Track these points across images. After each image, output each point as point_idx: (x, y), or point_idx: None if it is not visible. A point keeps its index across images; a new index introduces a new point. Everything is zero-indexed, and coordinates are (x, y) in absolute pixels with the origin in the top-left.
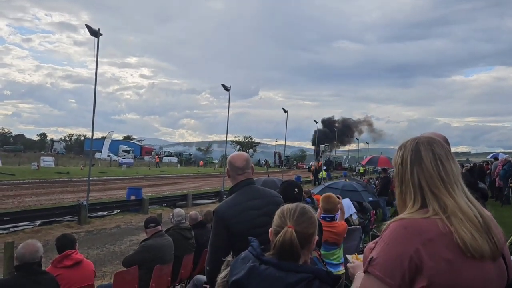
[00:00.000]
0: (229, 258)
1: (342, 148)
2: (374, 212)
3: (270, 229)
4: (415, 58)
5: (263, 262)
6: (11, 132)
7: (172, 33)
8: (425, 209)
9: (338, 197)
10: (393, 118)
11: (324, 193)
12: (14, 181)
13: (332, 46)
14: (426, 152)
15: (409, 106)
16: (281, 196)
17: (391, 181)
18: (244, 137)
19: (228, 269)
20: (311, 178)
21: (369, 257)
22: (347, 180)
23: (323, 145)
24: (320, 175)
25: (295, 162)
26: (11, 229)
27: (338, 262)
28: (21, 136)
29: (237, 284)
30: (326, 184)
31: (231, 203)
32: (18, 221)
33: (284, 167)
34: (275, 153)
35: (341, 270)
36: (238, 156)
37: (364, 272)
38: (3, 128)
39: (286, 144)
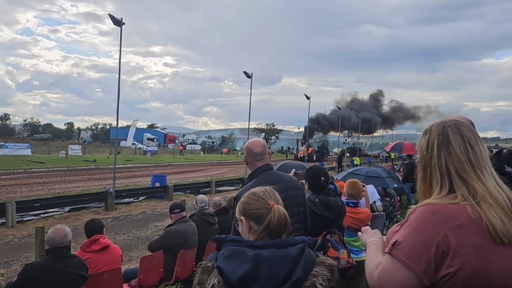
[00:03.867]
0: (209, 263)
1: (365, 135)
2: (399, 198)
3: (241, 217)
4: (443, 41)
5: (258, 247)
6: (39, 122)
7: (195, 22)
8: (453, 194)
9: (363, 185)
10: (419, 103)
11: (348, 179)
12: (44, 169)
13: (357, 30)
14: (454, 135)
15: (436, 91)
16: (300, 181)
17: (416, 167)
18: (267, 124)
19: (215, 274)
20: (334, 164)
21: (393, 240)
22: (371, 166)
23: (347, 131)
24: (355, 161)
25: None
26: (42, 215)
27: (360, 249)
28: (49, 125)
29: (246, 279)
30: (350, 170)
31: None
32: (48, 208)
33: None
34: (297, 140)
35: (363, 256)
36: (255, 142)
37: (387, 253)
38: (32, 118)
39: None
